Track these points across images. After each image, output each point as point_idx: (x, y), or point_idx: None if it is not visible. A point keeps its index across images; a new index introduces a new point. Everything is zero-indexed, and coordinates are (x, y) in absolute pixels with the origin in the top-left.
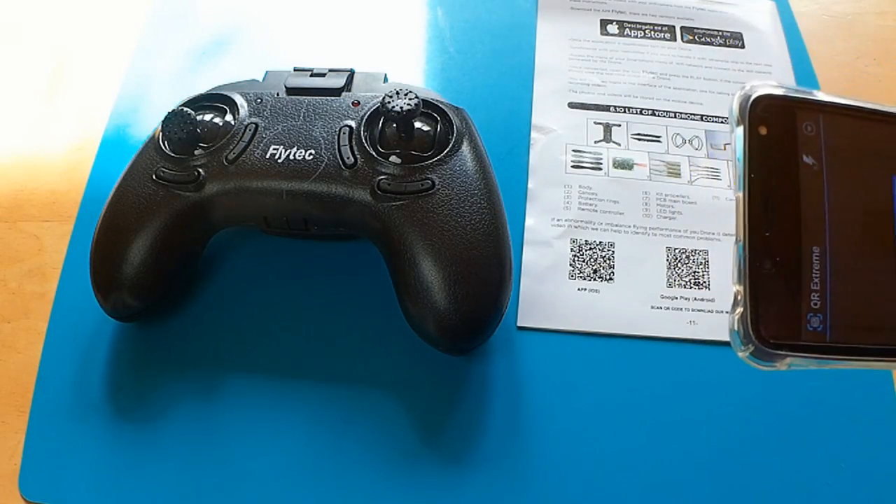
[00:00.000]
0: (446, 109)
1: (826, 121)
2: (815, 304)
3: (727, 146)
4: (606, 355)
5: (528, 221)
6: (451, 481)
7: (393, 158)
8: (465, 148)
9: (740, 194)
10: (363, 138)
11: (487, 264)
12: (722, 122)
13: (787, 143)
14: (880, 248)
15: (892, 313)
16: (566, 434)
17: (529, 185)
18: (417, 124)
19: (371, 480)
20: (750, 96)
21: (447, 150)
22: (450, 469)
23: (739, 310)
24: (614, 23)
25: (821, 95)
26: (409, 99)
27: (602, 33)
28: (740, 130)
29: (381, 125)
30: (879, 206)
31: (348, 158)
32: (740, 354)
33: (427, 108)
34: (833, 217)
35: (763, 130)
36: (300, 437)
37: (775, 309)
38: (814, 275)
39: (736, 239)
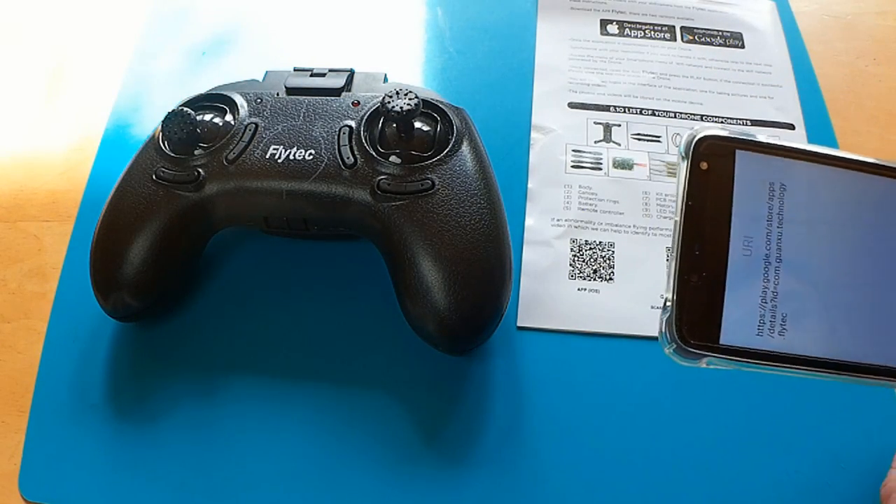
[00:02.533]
0: (446, 109)
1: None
2: None
3: None
4: (606, 355)
5: (528, 221)
6: (451, 481)
7: (393, 158)
8: (465, 148)
9: (678, 218)
10: (363, 138)
11: (487, 264)
12: (722, 123)
13: (723, 177)
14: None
15: (810, 325)
16: (566, 434)
17: (529, 185)
18: (417, 124)
19: (371, 480)
20: (695, 136)
21: (447, 150)
22: (450, 469)
23: (667, 314)
24: (614, 23)
25: (761, 137)
26: (409, 99)
27: (602, 33)
28: (684, 165)
29: (381, 125)
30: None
31: (348, 158)
32: (665, 351)
33: (427, 108)
34: None
35: (704, 166)
36: (300, 436)
37: (698, 315)
38: None
39: (670, 255)
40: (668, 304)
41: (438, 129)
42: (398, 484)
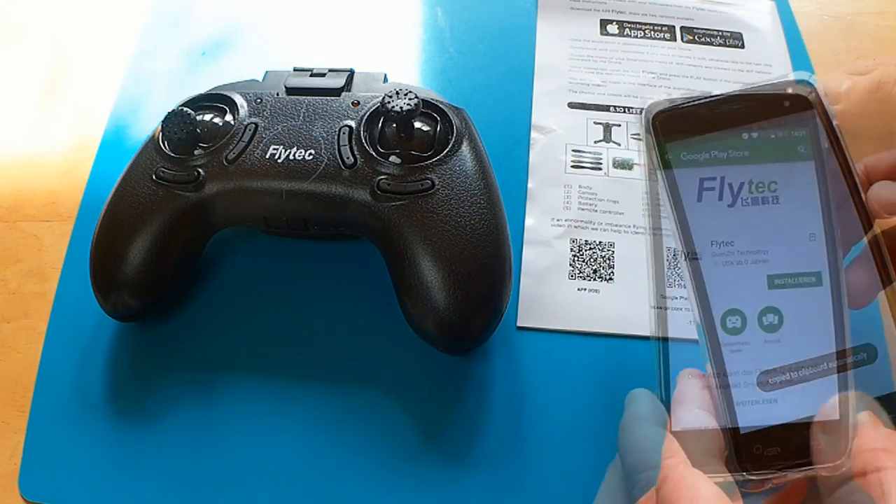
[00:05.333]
0: (446, 109)
1: None
2: None
3: None
4: (606, 355)
5: (528, 221)
6: (451, 481)
7: (393, 158)
8: (465, 148)
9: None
10: (363, 138)
11: (487, 264)
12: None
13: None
14: None
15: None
16: (566, 434)
17: (529, 185)
18: (417, 124)
19: (371, 480)
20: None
21: (447, 150)
22: (450, 469)
23: None
24: (614, 23)
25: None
26: (409, 99)
27: (602, 33)
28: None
29: (380, 125)
30: None
31: (348, 158)
32: None
33: (427, 108)
34: None
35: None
36: (300, 436)
37: None
38: None
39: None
40: None
41: (438, 129)
42: (398, 484)
